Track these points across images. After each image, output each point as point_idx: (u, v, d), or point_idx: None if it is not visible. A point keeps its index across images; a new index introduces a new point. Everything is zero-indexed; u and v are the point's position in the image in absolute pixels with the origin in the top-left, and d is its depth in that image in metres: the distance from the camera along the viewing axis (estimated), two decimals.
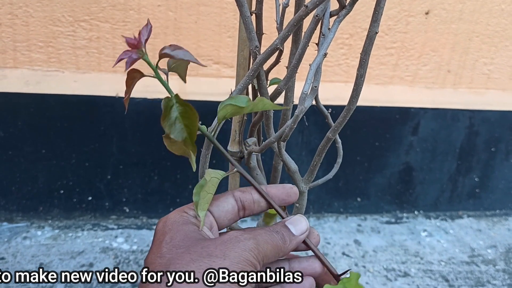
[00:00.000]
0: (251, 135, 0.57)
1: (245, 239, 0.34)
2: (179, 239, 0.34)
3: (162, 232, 0.35)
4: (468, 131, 1.42)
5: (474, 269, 1.21)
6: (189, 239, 0.34)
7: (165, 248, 0.33)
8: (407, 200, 1.46)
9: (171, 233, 0.35)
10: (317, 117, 1.20)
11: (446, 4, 1.31)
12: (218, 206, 0.39)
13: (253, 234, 0.36)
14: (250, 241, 0.34)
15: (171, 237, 0.34)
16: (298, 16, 0.41)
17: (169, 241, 0.34)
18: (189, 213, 0.37)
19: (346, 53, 1.31)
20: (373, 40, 0.43)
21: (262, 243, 0.35)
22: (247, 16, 0.43)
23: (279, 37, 0.42)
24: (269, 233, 0.37)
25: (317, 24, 0.43)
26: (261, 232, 0.37)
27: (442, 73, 1.40)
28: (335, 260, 1.20)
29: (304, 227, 0.40)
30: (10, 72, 1.18)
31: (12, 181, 1.22)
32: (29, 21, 1.15)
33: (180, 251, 0.33)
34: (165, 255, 0.33)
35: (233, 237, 0.34)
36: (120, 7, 1.16)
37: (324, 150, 0.50)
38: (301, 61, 0.45)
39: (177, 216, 0.36)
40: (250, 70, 0.44)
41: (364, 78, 0.45)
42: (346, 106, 0.46)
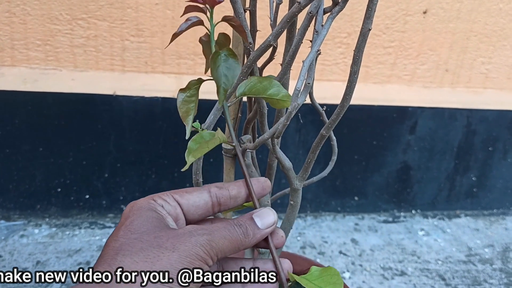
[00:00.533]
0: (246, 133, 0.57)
1: (199, 234, 0.34)
2: (138, 223, 0.34)
3: (126, 216, 0.36)
4: (466, 130, 1.42)
5: (471, 268, 1.21)
6: (148, 225, 0.34)
7: (122, 231, 0.34)
8: (405, 199, 1.47)
9: (133, 217, 0.35)
10: (314, 116, 1.20)
11: (444, 3, 1.31)
12: (189, 200, 0.39)
13: (210, 229, 0.35)
14: (203, 236, 0.34)
15: (131, 221, 0.35)
16: (291, 13, 0.41)
17: (128, 224, 0.35)
18: (157, 201, 0.38)
19: (344, 52, 1.31)
20: (366, 37, 0.43)
21: (217, 239, 0.35)
22: (241, 13, 0.43)
23: (273, 33, 0.42)
24: (230, 227, 0.37)
25: (310, 20, 0.43)
26: (220, 227, 0.36)
27: (440, 72, 1.40)
28: (332, 259, 1.20)
29: (271, 221, 0.39)
30: (8, 70, 1.18)
31: (10, 179, 1.22)
32: (26, 19, 1.15)
33: (134, 236, 0.33)
34: (119, 239, 0.33)
35: (187, 232, 0.34)
36: (118, 6, 1.16)
37: (318, 147, 0.50)
38: (294, 58, 0.45)
39: (144, 202, 0.37)
40: (244, 66, 0.44)
41: (358, 75, 0.45)
42: (340, 103, 0.46)
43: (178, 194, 0.39)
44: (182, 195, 0.39)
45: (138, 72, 1.23)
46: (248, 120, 0.55)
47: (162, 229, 0.34)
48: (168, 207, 0.38)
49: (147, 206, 0.36)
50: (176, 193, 0.39)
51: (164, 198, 0.38)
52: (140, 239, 0.33)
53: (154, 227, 0.34)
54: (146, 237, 0.33)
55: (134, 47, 1.21)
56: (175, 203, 0.38)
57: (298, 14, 0.41)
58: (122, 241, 0.33)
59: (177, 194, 0.39)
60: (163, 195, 0.38)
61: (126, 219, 0.35)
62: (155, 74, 1.24)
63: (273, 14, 0.49)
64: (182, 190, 0.39)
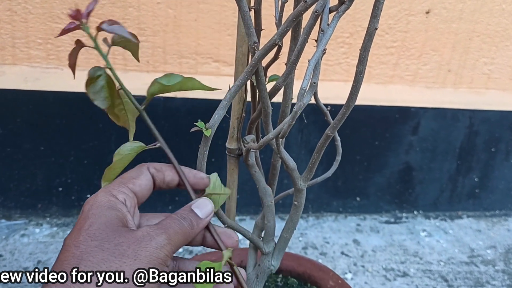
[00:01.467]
0: (250, 132, 0.56)
1: (157, 235, 0.35)
2: (97, 227, 0.34)
3: (85, 215, 0.36)
4: (468, 131, 1.42)
5: (473, 269, 1.21)
6: (107, 229, 0.34)
7: (82, 236, 0.34)
8: (407, 200, 1.46)
9: (93, 218, 0.35)
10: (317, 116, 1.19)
11: (446, 3, 1.30)
12: (141, 186, 0.40)
13: (164, 227, 0.36)
14: (162, 236, 0.35)
15: (91, 224, 0.35)
16: (297, 11, 0.40)
17: (87, 228, 0.34)
18: (118, 197, 0.38)
19: (347, 52, 1.30)
20: (372, 36, 0.42)
21: (173, 236, 0.36)
22: (246, 11, 0.43)
23: (278, 32, 0.42)
24: (178, 221, 0.38)
25: (316, 19, 0.43)
26: (170, 222, 0.37)
27: (442, 73, 1.40)
28: (333, 260, 1.19)
29: (210, 210, 0.41)
30: (9, 69, 1.18)
31: (11, 178, 1.21)
32: (28, 18, 1.14)
33: (94, 243, 0.33)
34: (80, 245, 0.33)
35: (146, 234, 0.35)
36: (120, 5, 1.16)
37: (323, 148, 0.50)
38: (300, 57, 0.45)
39: (104, 200, 0.37)
40: (248, 66, 0.44)
41: (364, 75, 0.44)
42: (345, 103, 0.46)
43: (131, 183, 0.40)
44: (134, 183, 0.40)
45: (139, 71, 1.23)
46: (252, 120, 0.55)
47: (122, 233, 0.35)
48: (128, 202, 0.39)
49: (107, 204, 0.37)
50: (128, 183, 0.40)
51: (123, 191, 0.39)
52: (101, 247, 0.33)
53: (114, 232, 0.34)
54: (107, 245, 0.33)
55: None
56: (132, 194, 0.39)
57: (304, 13, 0.40)
58: (83, 249, 0.33)
59: (129, 183, 0.40)
60: (121, 188, 0.39)
61: (85, 220, 0.35)
62: (156, 74, 1.23)
63: (278, 13, 0.48)
64: (129, 177, 0.40)
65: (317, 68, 0.43)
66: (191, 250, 1.18)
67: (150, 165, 0.43)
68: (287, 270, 0.73)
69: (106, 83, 0.38)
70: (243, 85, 0.46)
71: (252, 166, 0.56)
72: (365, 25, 1.26)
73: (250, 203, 1.34)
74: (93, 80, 0.37)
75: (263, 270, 0.60)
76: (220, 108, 0.45)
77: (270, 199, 0.57)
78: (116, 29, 0.36)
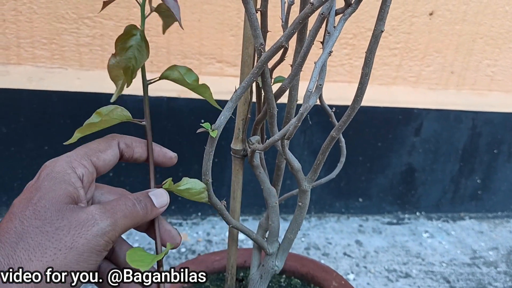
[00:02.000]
0: (255, 133, 0.57)
1: (102, 219, 0.35)
2: (44, 204, 0.34)
3: (38, 185, 0.36)
4: (471, 132, 1.42)
5: (475, 271, 1.21)
6: (53, 207, 0.34)
7: (28, 211, 0.34)
8: (409, 201, 1.46)
9: (44, 191, 0.35)
10: (320, 117, 1.20)
11: (450, 5, 1.30)
12: (105, 161, 0.40)
13: (112, 210, 0.36)
14: (107, 221, 0.35)
15: (39, 197, 0.35)
16: (304, 14, 0.41)
17: (35, 202, 0.34)
18: (77, 170, 0.37)
19: (350, 53, 1.30)
20: (378, 39, 0.43)
21: (120, 220, 0.36)
22: (253, 13, 0.43)
23: (284, 34, 0.42)
24: (130, 204, 0.38)
25: (322, 22, 0.43)
26: (121, 204, 0.37)
27: (445, 74, 1.40)
28: (336, 260, 1.20)
29: (165, 201, 0.41)
30: (14, 68, 1.18)
31: (14, 177, 1.22)
32: (33, 18, 1.15)
33: (37, 223, 0.33)
34: (24, 221, 0.33)
35: (90, 218, 0.35)
36: (124, 5, 1.16)
37: (327, 149, 0.50)
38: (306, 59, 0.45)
39: (61, 170, 0.36)
40: (255, 67, 0.44)
41: (369, 77, 0.44)
42: (350, 105, 0.46)
43: (95, 157, 0.39)
44: (99, 157, 0.39)
45: None
46: (257, 121, 0.55)
47: (66, 214, 0.34)
48: (86, 177, 0.38)
49: (62, 177, 0.36)
50: (93, 155, 0.39)
51: (84, 164, 0.38)
52: (41, 229, 0.33)
53: (58, 212, 0.34)
54: (48, 227, 0.33)
55: None
56: (93, 169, 0.39)
57: (311, 15, 0.41)
58: (26, 227, 0.33)
59: (94, 156, 0.39)
60: (83, 161, 0.38)
61: (37, 190, 0.35)
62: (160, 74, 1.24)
63: (285, 15, 0.48)
64: (96, 149, 0.40)
65: (323, 70, 0.43)
66: (194, 250, 1.18)
67: (121, 139, 0.42)
68: (291, 270, 0.74)
69: (137, 44, 0.37)
70: (249, 87, 0.46)
71: (257, 167, 0.56)
72: (369, 26, 1.27)
73: (253, 204, 1.34)
74: (127, 36, 0.37)
75: (267, 271, 0.60)
76: (226, 110, 0.46)
77: (274, 200, 0.57)
78: (171, 3, 0.37)
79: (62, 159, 0.37)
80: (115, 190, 0.43)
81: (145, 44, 0.38)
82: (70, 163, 0.37)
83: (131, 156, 0.42)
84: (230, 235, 0.61)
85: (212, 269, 0.74)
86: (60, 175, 0.36)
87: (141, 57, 0.38)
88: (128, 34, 0.37)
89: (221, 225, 1.29)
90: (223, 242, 1.22)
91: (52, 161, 0.37)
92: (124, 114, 0.41)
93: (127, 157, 0.42)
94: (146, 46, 0.38)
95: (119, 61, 0.38)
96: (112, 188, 0.43)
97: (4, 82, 1.15)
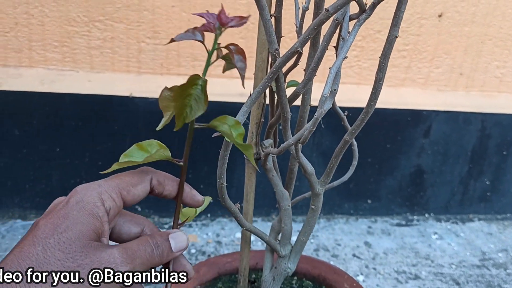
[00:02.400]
0: (268, 137, 0.57)
1: (122, 264, 0.35)
2: (71, 236, 0.34)
3: (67, 212, 0.35)
4: (480, 134, 1.42)
5: (485, 272, 1.21)
6: (78, 242, 0.34)
7: (53, 239, 0.34)
8: (418, 203, 1.46)
9: (72, 221, 0.35)
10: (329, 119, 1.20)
11: (459, 7, 1.30)
12: (134, 196, 0.40)
13: (132, 257, 0.36)
14: (126, 267, 0.35)
15: (66, 227, 0.35)
16: (319, 20, 0.41)
17: (62, 231, 0.34)
18: (105, 203, 0.37)
19: (358, 55, 1.31)
20: (392, 44, 0.43)
21: (137, 267, 0.36)
22: (268, 19, 0.44)
23: (299, 40, 0.43)
24: (149, 250, 0.38)
25: (336, 27, 0.43)
26: (141, 250, 0.37)
27: (454, 76, 1.40)
28: (345, 262, 1.20)
29: (184, 246, 0.41)
30: (26, 71, 1.20)
31: (26, 179, 1.23)
32: (44, 21, 1.16)
33: (59, 255, 0.33)
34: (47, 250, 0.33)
35: (112, 261, 0.35)
36: (135, 8, 1.17)
37: (341, 153, 0.51)
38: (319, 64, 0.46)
39: (90, 201, 0.36)
40: (269, 72, 0.45)
41: (383, 82, 0.45)
42: (364, 109, 0.46)
43: (125, 190, 0.39)
44: (129, 191, 0.39)
45: (153, 74, 1.24)
46: (270, 125, 0.56)
47: (89, 253, 0.34)
48: (113, 210, 0.38)
49: (91, 209, 0.36)
50: (124, 189, 0.39)
51: (114, 198, 0.38)
52: (63, 262, 0.33)
53: (82, 249, 0.34)
54: (70, 262, 0.34)
55: (150, 49, 1.21)
56: (121, 202, 0.39)
57: (326, 22, 0.41)
58: (47, 257, 0.33)
59: (124, 190, 0.39)
60: (113, 193, 0.38)
61: (65, 218, 0.35)
62: (170, 76, 1.25)
63: (299, 20, 0.49)
64: (128, 183, 0.39)
65: (337, 76, 0.44)
66: (204, 251, 1.19)
67: (155, 175, 0.42)
68: (302, 272, 0.74)
69: (196, 94, 0.38)
70: (263, 91, 0.47)
71: (270, 170, 0.56)
72: (377, 28, 1.27)
73: (263, 205, 1.35)
74: (189, 85, 0.37)
75: (280, 273, 0.60)
76: (241, 114, 0.46)
77: (287, 203, 0.58)
78: (238, 60, 0.39)
79: (93, 189, 0.37)
80: (136, 219, 0.43)
81: (205, 97, 0.37)
82: (100, 195, 0.37)
83: (160, 193, 0.42)
84: (243, 238, 0.62)
85: (224, 270, 0.74)
86: (90, 206, 0.36)
87: (197, 108, 0.38)
88: (191, 83, 0.37)
89: (230, 226, 1.29)
90: (232, 243, 1.23)
91: (83, 188, 0.37)
92: (165, 154, 0.41)
93: (156, 193, 0.42)
94: (205, 99, 0.37)
95: (175, 100, 0.38)
96: (133, 216, 0.43)
97: (17, 85, 1.16)
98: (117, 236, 0.41)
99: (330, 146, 1.31)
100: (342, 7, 0.40)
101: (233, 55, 0.38)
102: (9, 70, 1.19)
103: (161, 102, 0.39)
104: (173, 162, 0.43)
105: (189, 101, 0.38)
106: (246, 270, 0.64)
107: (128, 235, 0.41)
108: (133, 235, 0.41)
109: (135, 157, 0.40)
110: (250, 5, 1.20)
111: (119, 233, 0.41)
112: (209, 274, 0.73)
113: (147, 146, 0.41)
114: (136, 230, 0.42)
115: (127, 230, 0.42)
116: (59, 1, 1.14)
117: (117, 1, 1.16)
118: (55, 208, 0.37)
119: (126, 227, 0.42)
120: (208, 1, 1.19)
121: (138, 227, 0.42)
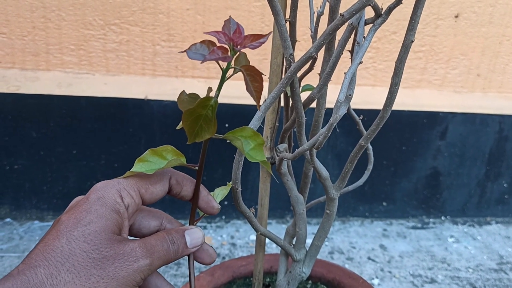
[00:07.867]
0: (282, 141, 0.57)
1: (142, 257, 0.36)
2: (95, 229, 0.35)
3: (89, 206, 0.36)
4: (498, 136, 1.40)
5: (502, 276, 1.19)
6: (103, 235, 0.35)
7: (77, 231, 0.34)
8: (434, 205, 1.45)
9: (95, 215, 0.36)
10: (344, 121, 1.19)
11: (476, 7, 1.29)
12: (152, 194, 0.40)
13: (151, 250, 0.37)
14: (146, 260, 0.36)
15: (90, 221, 0.35)
16: (334, 25, 0.41)
17: (85, 224, 0.35)
18: (124, 200, 0.38)
19: (374, 57, 1.30)
20: (408, 49, 0.43)
21: (155, 261, 0.37)
22: (282, 25, 0.43)
23: (314, 45, 0.43)
24: (166, 246, 0.39)
25: (351, 32, 0.43)
26: (159, 245, 0.38)
27: (471, 77, 1.38)
28: (360, 265, 1.19)
29: (199, 242, 0.41)
30: (43, 74, 1.21)
31: (44, 181, 1.25)
32: (61, 25, 1.17)
33: (85, 247, 0.34)
34: (72, 242, 0.34)
35: (133, 253, 0.36)
36: (150, 11, 1.18)
37: (356, 158, 0.50)
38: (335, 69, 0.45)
39: (111, 198, 0.37)
40: (284, 77, 0.45)
41: (399, 86, 0.45)
42: (379, 114, 0.46)
43: (144, 189, 0.40)
44: (148, 189, 0.40)
45: (168, 76, 1.25)
46: (285, 129, 0.56)
47: (113, 245, 0.35)
48: (131, 208, 0.39)
49: (113, 205, 0.37)
50: (142, 187, 0.39)
51: (132, 195, 0.38)
52: (89, 254, 0.34)
53: (106, 241, 0.35)
54: (95, 254, 0.34)
55: (165, 52, 1.22)
56: (139, 199, 0.39)
57: (341, 27, 0.41)
58: (72, 248, 0.34)
59: (143, 188, 0.39)
60: (132, 191, 0.38)
61: (87, 212, 0.36)
62: (185, 79, 1.25)
63: (314, 25, 0.49)
64: (147, 181, 0.40)
65: (352, 80, 0.44)
66: (218, 253, 1.19)
67: (174, 175, 0.42)
68: (317, 276, 0.74)
69: (206, 116, 0.38)
70: (278, 96, 0.47)
71: (285, 175, 0.56)
72: (393, 29, 1.26)
73: (276, 207, 1.35)
74: (200, 106, 0.37)
75: (294, 277, 0.60)
76: (256, 119, 0.46)
77: (302, 207, 0.57)
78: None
79: (113, 186, 0.38)
80: (154, 213, 0.43)
81: (214, 120, 0.37)
82: (119, 191, 0.38)
83: (178, 193, 0.43)
84: (257, 242, 0.62)
85: (238, 274, 0.75)
86: (111, 202, 0.37)
87: (207, 129, 0.38)
88: (203, 103, 0.37)
89: (245, 228, 1.29)
90: (247, 245, 1.23)
91: (103, 185, 0.38)
92: (182, 161, 0.41)
93: (174, 193, 0.43)
94: (214, 123, 0.38)
95: (185, 120, 0.38)
96: (151, 211, 0.43)
97: (35, 88, 1.17)
98: (137, 231, 0.42)
99: (345, 148, 1.30)
100: (357, 12, 0.39)
101: (247, 82, 0.38)
102: (26, 73, 1.21)
103: (179, 104, 0.40)
104: (188, 168, 0.43)
105: (199, 122, 0.38)
106: (260, 274, 0.64)
107: (147, 229, 0.42)
108: (153, 229, 0.42)
109: (150, 162, 0.40)
110: (264, 7, 1.20)
111: (138, 228, 0.42)
112: (224, 277, 0.73)
113: (162, 152, 0.42)
114: (155, 223, 0.43)
115: (146, 224, 0.42)
116: (75, 5, 1.16)
117: (132, 5, 1.17)
118: (76, 204, 0.37)
119: (145, 221, 0.42)
120: (223, 4, 1.19)
121: (156, 220, 0.43)
